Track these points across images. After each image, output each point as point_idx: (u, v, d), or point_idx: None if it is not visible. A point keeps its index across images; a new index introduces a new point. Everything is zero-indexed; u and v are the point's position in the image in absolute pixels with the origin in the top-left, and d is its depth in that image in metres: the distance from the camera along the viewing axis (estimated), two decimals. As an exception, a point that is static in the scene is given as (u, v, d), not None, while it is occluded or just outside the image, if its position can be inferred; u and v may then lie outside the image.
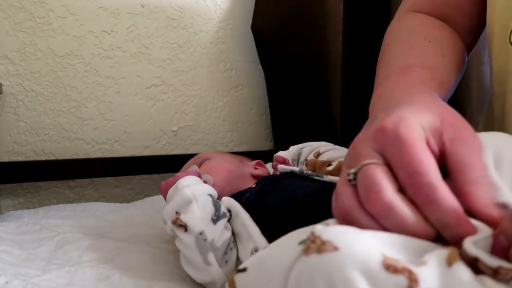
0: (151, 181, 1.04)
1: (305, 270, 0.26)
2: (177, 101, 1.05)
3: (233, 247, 0.46)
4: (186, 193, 0.48)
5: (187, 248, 0.46)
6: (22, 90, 0.91)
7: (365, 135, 0.31)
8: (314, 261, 0.26)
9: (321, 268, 0.26)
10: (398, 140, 0.28)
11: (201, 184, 0.50)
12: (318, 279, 0.26)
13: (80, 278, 0.49)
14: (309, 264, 0.26)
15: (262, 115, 1.15)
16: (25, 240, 0.61)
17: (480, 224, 0.27)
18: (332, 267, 0.25)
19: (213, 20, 1.07)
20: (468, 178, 0.27)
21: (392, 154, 0.28)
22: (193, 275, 0.48)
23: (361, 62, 0.75)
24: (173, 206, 0.48)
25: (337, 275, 0.25)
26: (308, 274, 0.26)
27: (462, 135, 0.29)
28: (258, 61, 1.11)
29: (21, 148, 0.92)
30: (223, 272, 0.45)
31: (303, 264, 0.27)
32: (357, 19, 0.86)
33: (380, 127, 0.30)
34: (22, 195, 0.94)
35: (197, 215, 0.46)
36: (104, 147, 0.99)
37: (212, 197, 0.49)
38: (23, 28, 0.90)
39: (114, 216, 0.78)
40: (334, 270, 0.25)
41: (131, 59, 0.99)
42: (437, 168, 0.27)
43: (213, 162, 0.63)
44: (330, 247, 0.26)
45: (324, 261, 0.26)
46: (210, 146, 1.10)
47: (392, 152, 0.28)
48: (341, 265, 0.25)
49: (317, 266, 0.26)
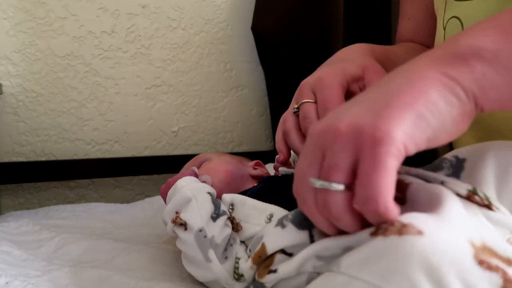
0: (151, 181, 1.04)
1: (384, 250, 0.26)
2: (177, 102, 1.05)
3: (233, 243, 0.46)
4: (185, 192, 0.48)
5: (188, 246, 0.46)
6: (22, 90, 0.91)
7: (308, 81, 0.47)
8: (395, 242, 0.26)
9: (403, 250, 0.25)
10: (322, 85, 0.45)
11: (199, 182, 0.50)
12: (397, 261, 0.25)
13: (80, 278, 0.49)
14: (388, 245, 0.26)
15: (262, 115, 1.15)
16: (25, 240, 0.61)
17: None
18: (416, 251, 0.25)
19: (213, 21, 1.07)
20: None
21: (317, 95, 0.45)
22: (195, 274, 0.48)
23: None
24: (172, 206, 0.48)
25: (422, 261, 0.24)
26: (388, 255, 0.26)
27: (377, 79, 0.42)
28: (258, 62, 1.10)
29: (21, 149, 0.92)
30: (224, 268, 0.45)
31: (379, 243, 0.27)
32: (357, 19, 0.86)
33: (316, 77, 0.46)
34: (22, 196, 0.94)
35: (196, 212, 0.46)
36: (104, 148, 0.99)
37: (211, 195, 0.49)
38: (23, 28, 0.90)
39: (114, 217, 0.78)
40: (418, 254, 0.25)
41: (131, 59, 1.00)
42: (341, 100, 0.44)
43: (212, 163, 0.63)
44: (413, 231, 0.26)
45: (407, 244, 0.25)
46: (210, 147, 1.10)
47: (317, 94, 0.45)
48: (429, 252, 0.25)
49: (398, 248, 0.25)
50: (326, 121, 0.31)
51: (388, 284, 0.25)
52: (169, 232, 0.49)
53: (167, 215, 0.49)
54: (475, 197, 0.32)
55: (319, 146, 0.30)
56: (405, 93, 0.29)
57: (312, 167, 0.30)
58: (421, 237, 0.25)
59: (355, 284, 0.27)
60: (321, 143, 0.30)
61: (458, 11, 0.50)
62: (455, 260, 0.25)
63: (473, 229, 0.28)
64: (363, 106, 0.30)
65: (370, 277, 0.26)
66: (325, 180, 0.29)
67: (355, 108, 0.30)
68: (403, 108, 0.28)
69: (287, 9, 1.00)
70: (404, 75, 0.31)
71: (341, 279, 0.28)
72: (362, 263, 0.27)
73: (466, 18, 0.49)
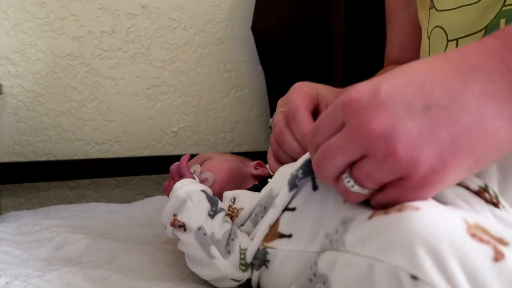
0: (151, 181, 1.04)
1: (384, 226, 0.28)
2: (177, 102, 1.05)
3: (235, 238, 0.46)
4: (180, 193, 0.48)
5: (189, 247, 0.46)
6: (22, 90, 0.91)
7: (281, 100, 0.54)
8: (394, 218, 0.27)
9: (401, 223, 0.27)
10: (292, 104, 0.50)
11: (194, 183, 0.50)
12: (395, 234, 0.27)
13: (80, 278, 0.49)
14: (388, 221, 0.28)
15: (262, 115, 1.15)
16: (25, 240, 0.61)
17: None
18: (413, 223, 0.26)
19: (213, 21, 1.07)
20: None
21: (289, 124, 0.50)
22: (201, 274, 0.48)
23: (362, 63, 0.75)
24: (169, 209, 0.48)
25: (418, 232, 0.26)
26: (387, 230, 0.27)
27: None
28: (258, 62, 1.11)
29: (21, 149, 0.93)
30: (228, 263, 0.45)
31: (381, 221, 0.28)
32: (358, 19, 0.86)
33: (295, 89, 0.53)
34: (22, 196, 0.94)
35: (193, 212, 0.46)
36: (104, 148, 0.99)
37: (205, 193, 0.49)
38: (23, 28, 0.90)
39: (114, 217, 0.78)
40: (415, 225, 0.26)
41: (131, 59, 1.00)
42: (308, 112, 0.48)
43: (214, 162, 0.63)
44: (411, 207, 0.28)
45: (405, 217, 0.27)
46: (210, 147, 1.10)
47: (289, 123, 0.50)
48: (425, 223, 0.26)
49: (397, 223, 0.27)
50: (382, 121, 0.28)
51: (388, 255, 0.26)
52: (169, 235, 0.49)
53: (165, 219, 0.49)
54: (485, 194, 0.32)
55: (364, 147, 0.28)
56: (473, 136, 0.27)
57: (346, 157, 0.30)
58: (418, 211, 0.27)
59: (358, 260, 0.28)
60: (368, 147, 0.28)
61: (441, 20, 0.51)
62: (449, 231, 0.26)
63: (468, 212, 0.30)
64: (425, 128, 0.27)
65: (372, 252, 0.27)
66: (359, 182, 0.30)
67: (414, 124, 0.27)
68: (467, 155, 0.27)
69: (287, 9, 1.00)
70: (478, 98, 0.28)
71: (347, 258, 0.30)
72: (365, 240, 0.29)
73: (450, 27, 0.50)
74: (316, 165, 0.32)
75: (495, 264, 0.25)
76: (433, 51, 0.53)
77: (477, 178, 0.33)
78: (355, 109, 0.29)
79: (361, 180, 0.30)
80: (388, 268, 0.26)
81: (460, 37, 0.49)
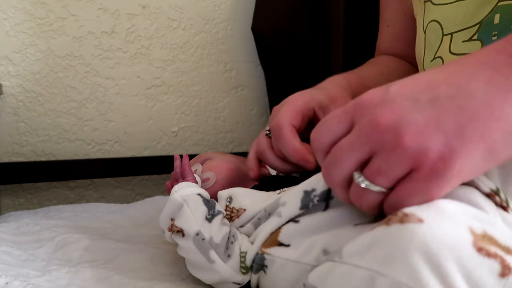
0: (151, 181, 1.04)
1: (385, 238, 0.27)
2: (177, 102, 1.05)
3: (234, 241, 0.46)
4: (176, 197, 0.47)
5: (189, 252, 0.46)
6: (22, 90, 0.91)
7: (277, 107, 0.53)
8: (396, 230, 0.26)
9: (403, 237, 0.26)
10: (278, 122, 0.49)
11: (190, 187, 0.50)
12: (397, 248, 0.26)
13: (80, 278, 0.49)
14: (390, 232, 0.27)
15: (262, 115, 1.15)
16: (25, 240, 0.61)
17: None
18: (416, 238, 0.25)
19: (213, 21, 1.07)
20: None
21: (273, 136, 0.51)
22: (202, 278, 0.48)
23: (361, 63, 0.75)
24: (166, 213, 0.48)
25: (421, 247, 0.25)
26: (389, 242, 0.26)
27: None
28: (259, 62, 1.11)
29: (21, 149, 0.92)
30: (229, 266, 0.45)
31: (381, 232, 0.27)
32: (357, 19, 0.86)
33: (287, 102, 0.52)
34: (22, 196, 0.94)
35: (190, 217, 0.46)
36: (104, 148, 0.99)
37: (202, 197, 0.48)
38: (23, 29, 0.90)
39: (114, 217, 0.78)
40: (418, 240, 0.25)
41: (131, 60, 1.00)
42: (291, 130, 0.48)
43: (215, 161, 0.63)
44: (414, 219, 0.26)
45: (407, 231, 0.26)
46: (210, 147, 1.10)
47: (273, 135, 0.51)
48: (428, 238, 0.25)
49: (399, 235, 0.26)
50: (390, 115, 0.28)
51: (388, 269, 0.26)
52: (168, 240, 0.49)
53: (163, 224, 0.49)
54: (496, 197, 0.32)
55: (372, 142, 0.28)
56: (481, 122, 0.27)
57: (355, 156, 0.29)
58: (422, 224, 0.26)
59: (357, 272, 0.27)
60: (376, 141, 0.28)
61: (437, 14, 0.51)
62: (453, 246, 0.25)
63: (476, 217, 0.29)
64: (433, 118, 0.28)
65: (371, 264, 0.27)
66: (369, 180, 0.29)
67: (422, 115, 0.28)
68: (476, 142, 0.27)
69: (287, 9, 1.00)
70: (484, 87, 0.28)
71: (344, 269, 0.29)
72: (364, 251, 0.28)
73: (445, 21, 0.50)
74: (325, 169, 0.32)
75: (501, 280, 0.24)
76: (429, 45, 0.53)
77: (489, 180, 0.32)
78: (365, 108, 0.30)
79: (371, 176, 0.29)
80: (391, 283, 0.25)
81: (454, 31, 0.49)
